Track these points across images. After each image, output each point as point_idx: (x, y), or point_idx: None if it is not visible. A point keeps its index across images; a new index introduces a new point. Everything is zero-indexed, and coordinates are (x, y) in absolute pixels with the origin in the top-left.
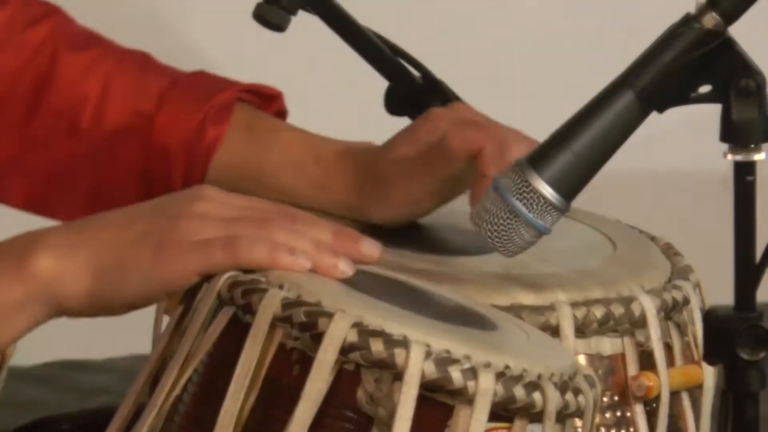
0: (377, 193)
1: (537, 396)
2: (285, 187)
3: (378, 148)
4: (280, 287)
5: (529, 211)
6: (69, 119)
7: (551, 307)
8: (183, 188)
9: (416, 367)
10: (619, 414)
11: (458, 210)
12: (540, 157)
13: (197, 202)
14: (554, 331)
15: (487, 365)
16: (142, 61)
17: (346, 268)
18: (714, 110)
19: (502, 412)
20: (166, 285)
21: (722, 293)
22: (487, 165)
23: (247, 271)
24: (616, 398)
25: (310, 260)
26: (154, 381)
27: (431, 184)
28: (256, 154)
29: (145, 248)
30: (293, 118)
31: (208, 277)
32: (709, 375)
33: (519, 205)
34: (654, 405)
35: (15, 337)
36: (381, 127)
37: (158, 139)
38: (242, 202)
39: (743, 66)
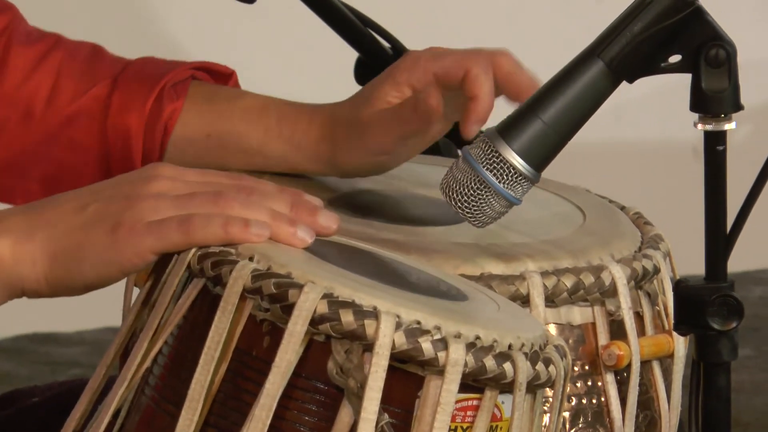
0: (352, 138)
1: (507, 366)
2: (253, 149)
3: (353, 97)
4: (251, 259)
5: (500, 182)
6: (23, 108)
7: (521, 277)
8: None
9: (387, 338)
10: (590, 383)
11: (428, 180)
12: (510, 127)
13: (152, 182)
14: (524, 300)
15: (458, 336)
16: (92, 51)
17: (304, 236)
18: (684, 80)
19: (472, 382)
20: (123, 267)
21: (693, 263)
22: (476, 84)
23: None
24: (586, 367)
25: (267, 229)
26: (125, 353)
27: (408, 130)
28: (218, 124)
29: (100, 231)
30: (261, 90)
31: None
32: (680, 344)
33: (489, 175)
34: (625, 374)
35: None
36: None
37: (115, 120)
38: (197, 177)
39: (713, 35)
